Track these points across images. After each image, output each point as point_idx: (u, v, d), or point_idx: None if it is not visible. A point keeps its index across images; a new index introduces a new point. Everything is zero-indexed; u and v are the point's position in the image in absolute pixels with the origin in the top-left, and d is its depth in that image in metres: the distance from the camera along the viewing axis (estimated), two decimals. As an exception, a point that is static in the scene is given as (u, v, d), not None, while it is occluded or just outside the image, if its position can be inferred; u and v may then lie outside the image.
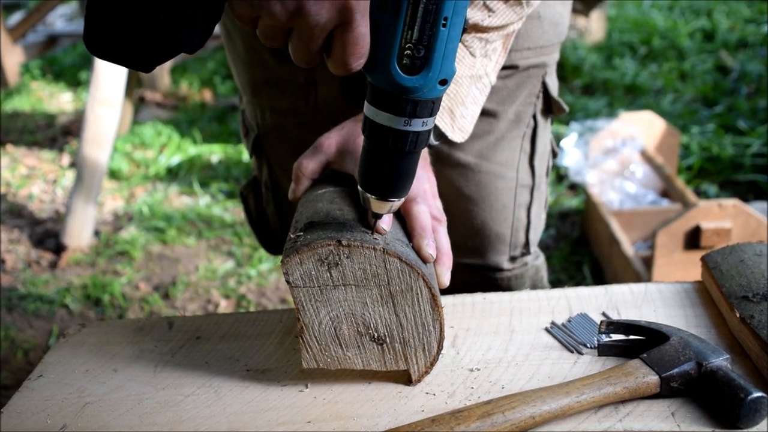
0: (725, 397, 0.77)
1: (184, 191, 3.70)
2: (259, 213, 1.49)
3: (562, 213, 3.27)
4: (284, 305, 2.72)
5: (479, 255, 1.30)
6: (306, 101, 1.27)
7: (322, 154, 1.02)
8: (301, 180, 1.03)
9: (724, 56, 4.84)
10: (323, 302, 0.84)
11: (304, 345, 0.86)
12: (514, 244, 1.32)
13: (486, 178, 1.26)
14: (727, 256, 1.02)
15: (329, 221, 0.88)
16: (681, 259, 2.30)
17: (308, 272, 0.83)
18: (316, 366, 0.87)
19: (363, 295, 0.84)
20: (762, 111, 3.91)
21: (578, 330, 0.96)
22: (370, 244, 0.82)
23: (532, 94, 1.27)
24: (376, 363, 0.87)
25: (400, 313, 0.85)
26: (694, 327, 0.96)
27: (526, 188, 1.31)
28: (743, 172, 3.40)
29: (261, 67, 1.28)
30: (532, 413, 0.77)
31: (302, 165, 1.03)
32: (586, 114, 4.15)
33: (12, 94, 5.29)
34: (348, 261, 0.83)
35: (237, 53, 1.31)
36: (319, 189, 1.00)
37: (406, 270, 0.83)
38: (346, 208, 0.92)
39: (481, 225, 1.28)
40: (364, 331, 0.85)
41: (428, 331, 0.86)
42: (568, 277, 2.81)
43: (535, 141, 1.30)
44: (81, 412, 0.87)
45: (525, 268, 1.34)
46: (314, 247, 0.82)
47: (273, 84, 1.28)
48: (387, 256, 0.82)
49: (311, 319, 0.85)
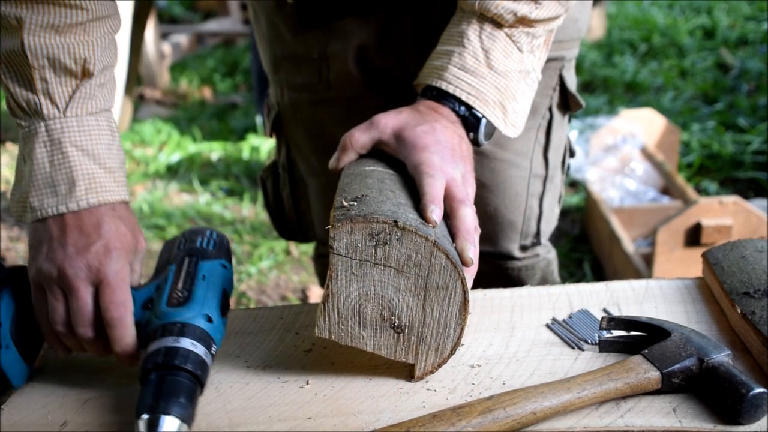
0: (726, 393, 0.77)
1: (184, 189, 3.70)
2: (276, 197, 1.50)
3: (563, 210, 3.27)
4: (284, 302, 2.72)
5: (491, 242, 1.31)
6: (319, 77, 1.28)
7: (375, 131, 1.00)
8: (348, 151, 1.01)
9: (724, 54, 4.84)
10: (358, 277, 0.83)
11: (324, 313, 0.85)
12: (525, 232, 1.33)
13: (500, 166, 1.27)
14: (728, 253, 1.02)
15: (383, 199, 0.87)
16: (681, 256, 2.30)
17: (354, 243, 0.82)
18: (327, 337, 0.86)
19: (399, 281, 0.83)
20: (762, 108, 3.91)
21: (579, 326, 0.96)
22: (423, 233, 0.81)
23: (548, 86, 1.27)
24: (386, 350, 0.87)
25: (428, 308, 0.84)
26: (695, 323, 0.96)
27: (539, 179, 1.32)
28: (743, 170, 3.40)
29: (280, 42, 1.29)
30: (534, 409, 0.77)
31: (353, 136, 1.01)
32: (587, 111, 4.15)
33: (12, 91, 5.28)
34: (397, 243, 0.82)
35: (261, 31, 1.33)
36: (368, 165, 0.98)
37: (449, 268, 0.82)
38: (397, 191, 0.91)
39: (494, 212, 1.29)
40: (387, 315, 0.85)
41: (448, 333, 0.85)
42: (568, 275, 2.81)
43: (550, 133, 1.31)
44: (82, 408, 0.87)
45: (536, 260, 1.35)
46: (369, 221, 0.81)
47: (290, 59, 1.30)
48: (436, 250, 0.82)
49: (340, 289, 0.84)
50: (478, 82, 1.02)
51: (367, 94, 1.29)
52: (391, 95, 1.26)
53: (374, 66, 1.27)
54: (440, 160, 0.93)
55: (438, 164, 0.93)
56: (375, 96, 1.29)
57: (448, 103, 1.03)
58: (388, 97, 1.26)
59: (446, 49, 1.05)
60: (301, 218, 1.49)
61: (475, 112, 1.03)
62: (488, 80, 1.03)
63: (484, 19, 1.03)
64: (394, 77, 1.26)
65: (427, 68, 1.06)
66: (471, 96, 1.02)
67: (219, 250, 0.98)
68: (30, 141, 0.92)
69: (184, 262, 0.94)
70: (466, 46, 1.03)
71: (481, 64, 1.03)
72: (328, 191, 1.28)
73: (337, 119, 1.29)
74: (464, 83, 1.02)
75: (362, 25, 1.23)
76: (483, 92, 1.02)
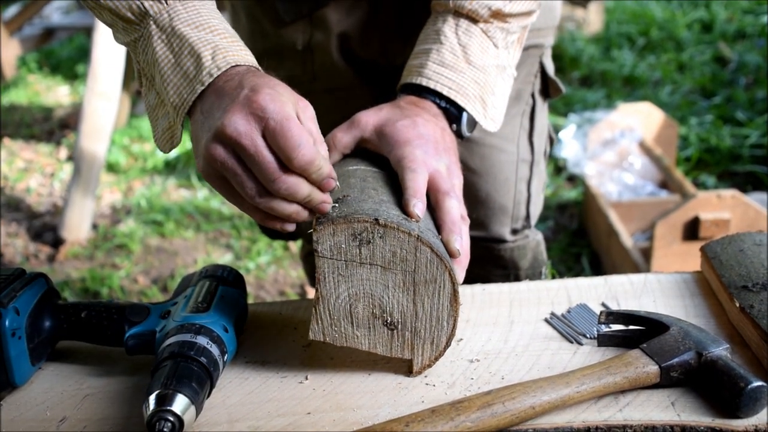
0: (725, 386, 0.77)
1: (182, 184, 3.70)
2: None
3: (561, 205, 3.27)
4: (283, 297, 2.72)
5: (483, 227, 1.33)
6: (303, 68, 1.29)
7: (357, 130, 1.01)
8: (332, 152, 1.01)
9: (722, 47, 4.83)
10: (346, 277, 0.84)
11: (316, 316, 0.85)
12: (516, 216, 1.35)
13: (489, 152, 1.29)
14: (726, 246, 1.02)
15: (364, 198, 0.87)
16: (680, 250, 2.31)
17: (338, 245, 0.82)
18: (322, 339, 0.86)
19: (386, 278, 0.84)
20: (760, 102, 3.90)
21: (578, 320, 0.96)
22: (405, 228, 0.82)
23: (531, 73, 1.31)
24: (382, 348, 0.87)
25: (419, 302, 0.85)
26: (693, 317, 0.96)
27: (526, 163, 1.35)
28: (741, 163, 3.39)
29: (261, 36, 1.30)
30: (532, 403, 0.77)
31: (336, 137, 1.01)
32: (585, 105, 4.14)
33: (9, 87, 5.27)
34: (380, 241, 0.82)
35: (241, 28, 1.33)
36: (351, 165, 0.99)
37: (435, 261, 0.83)
38: (380, 188, 0.91)
39: (485, 197, 1.31)
40: (378, 313, 0.85)
41: (441, 325, 0.86)
42: (566, 269, 2.81)
43: (534, 119, 1.34)
44: (80, 404, 0.87)
45: (526, 240, 1.37)
46: (350, 221, 0.81)
47: (272, 53, 1.29)
48: (420, 244, 0.82)
49: (329, 291, 0.84)
50: (458, 77, 1.03)
51: (354, 85, 1.30)
52: (378, 86, 1.27)
53: (358, 56, 1.28)
54: (423, 154, 0.94)
55: (420, 158, 0.93)
56: (362, 87, 1.30)
57: (429, 97, 1.03)
58: (376, 88, 1.27)
59: (424, 47, 1.06)
60: None
61: (456, 105, 1.04)
62: (467, 75, 1.04)
63: (460, 16, 1.05)
64: (380, 68, 1.27)
65: (406, 70, 1.07)
66: (452, 90, 1.03)
67: (237, 283, 1.00)
68: (149, 48, 0.90)
69: (205, 284, 0.96)
70: (443, 42, 1.04)
71: (460, 59, 1.04)
72: None
73: (324, 111, 1.29)
74: (444, 78, 1.03)
75: (345, 15, 1.24)
76: (463, 86, 1.04)
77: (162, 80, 0.89)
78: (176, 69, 0.88)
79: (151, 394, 0.77)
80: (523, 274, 1.37)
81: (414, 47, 1.09)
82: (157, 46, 0.89)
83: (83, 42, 5.91)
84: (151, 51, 0.90)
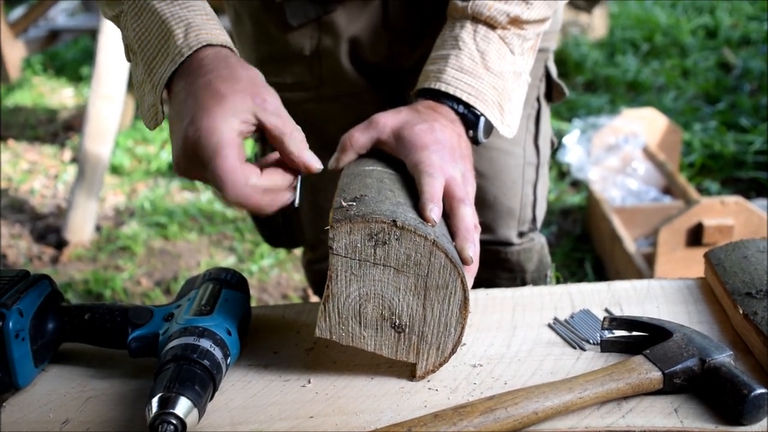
0: (728, 393, 0.77)
1: (186, 187, 3.70)
2: None
3: (564, 210, 3.27)
4: (286, 301, 2.72)
5: (491, 230, 1.33)
6: (311, 74, 1.28)
7: (374, 131, 1.00)
8: (348, 151, 1.01)
9: (726, 53, 4.83)
10: (358, 277, 0.83)
11: (324, 314, 0.85)
12: (523, 219, 1.35)
13: (497, 155, 1.30)
14: (730, 253, 1.02)
15: (382, 199, 0.87)
16: (683, 256, 2.30)
17: (354, 243, 0.82)
18: (328, 337, 0.86)
19: (399, 281, 0.83)
20: (764, 108, 3.90)
21: (581, 326, 0.96)
22: (422, 232, 0.82)
23: (536, 77, 1.31)
24: (387, 350, 0.87)
25: (428, 307, 0.84)
26: (696, 323, 0.96)
27: (532, 166, 1.35)
28: (745, 170, 3.39)
29: (267, 41, 1.29)
30: (535, 409, 0.77)
31: (353, 137, 1.01)
32: (588, 111, 4.14)
33: (13, 88, 5.29)
34: (396, 243, 0.82)
35: (245, 32, 1.32)
36: (367, 165, 0.98)
37: (448, 267, 0.83)
38: (396, 191, 0.91)
39: (493, 200, 1.31)
40: (387, 315, 0.85)
41: (449, 331, 0.86)
42: (569, 274, 2.80)
43: (539, 122, 1.35)
44: (83, 406, 0.87)
45: (532, 243, 1.37)
46: (368, 221, 0.81)
47: (279, 59, 1.29)
48: (435, 249, 0.82)
49: (340, 290, 0.84)
50: (477, 83, 1.03)
51: (362, 90, 1.29)
52: (384, 89, 1.26)
53: (367, 61, 1.28)
54: (439, 159, 0.94)
55: (437, 163, 0.93)
56: (369, 92, 1.29)
57: (447, 103, 1.03)
58: (384, 93, 1.26)
59: (442, 53, 1.06)
60: (289, 221, 1.47)
61: (473, 110, 1.03)
62: (486, 80, 1.04)
63: (478, 22, 1.05)
64: (388, 72, 1.27)
65: (423, 74, 1.07)
66: (471, 96, 1.03)
67: (241, 286, 1.00)
68: (128, 26, 0.90)
69: (208, 287, 0.96)
70: (462, 48, 1.04)
71: (478, 65, 1.04)
72: (318, 192, 1.28)
73: (332, 116, 1.29)
74: (463, 83, 1.03)
75: (353, 19, 1.23)
76: (482, 92, 1.03)
77: (141, 57, 0.89)
78: (149, 46, 0.89)
79: (153, 397, 0.77)
80: (529, 277, 1.37)
81: (429, 51, 1.09)
82: (132, 25, 0.90)
83: (88, 44, 5.93)
84: (130, 26, 0.90)
